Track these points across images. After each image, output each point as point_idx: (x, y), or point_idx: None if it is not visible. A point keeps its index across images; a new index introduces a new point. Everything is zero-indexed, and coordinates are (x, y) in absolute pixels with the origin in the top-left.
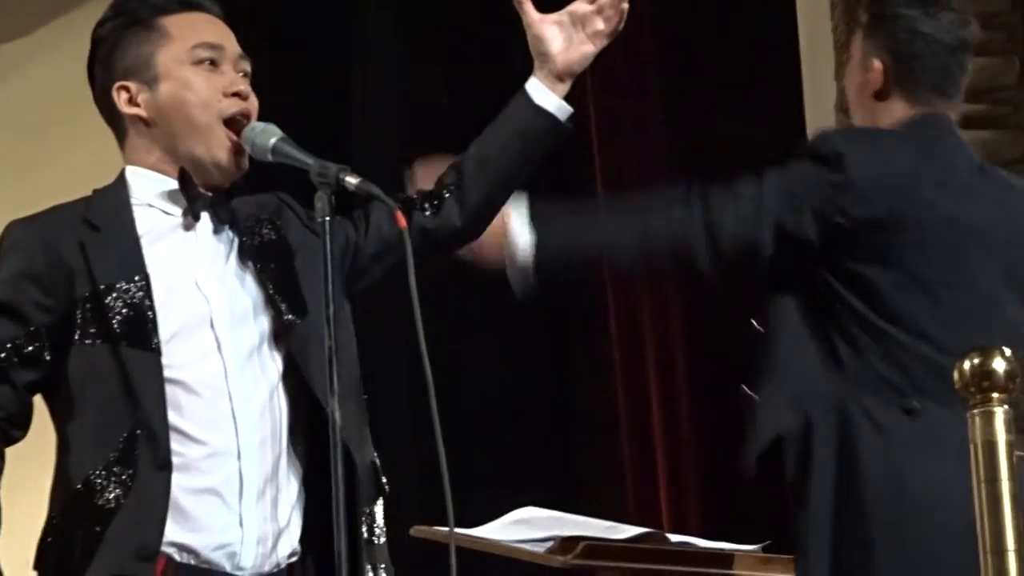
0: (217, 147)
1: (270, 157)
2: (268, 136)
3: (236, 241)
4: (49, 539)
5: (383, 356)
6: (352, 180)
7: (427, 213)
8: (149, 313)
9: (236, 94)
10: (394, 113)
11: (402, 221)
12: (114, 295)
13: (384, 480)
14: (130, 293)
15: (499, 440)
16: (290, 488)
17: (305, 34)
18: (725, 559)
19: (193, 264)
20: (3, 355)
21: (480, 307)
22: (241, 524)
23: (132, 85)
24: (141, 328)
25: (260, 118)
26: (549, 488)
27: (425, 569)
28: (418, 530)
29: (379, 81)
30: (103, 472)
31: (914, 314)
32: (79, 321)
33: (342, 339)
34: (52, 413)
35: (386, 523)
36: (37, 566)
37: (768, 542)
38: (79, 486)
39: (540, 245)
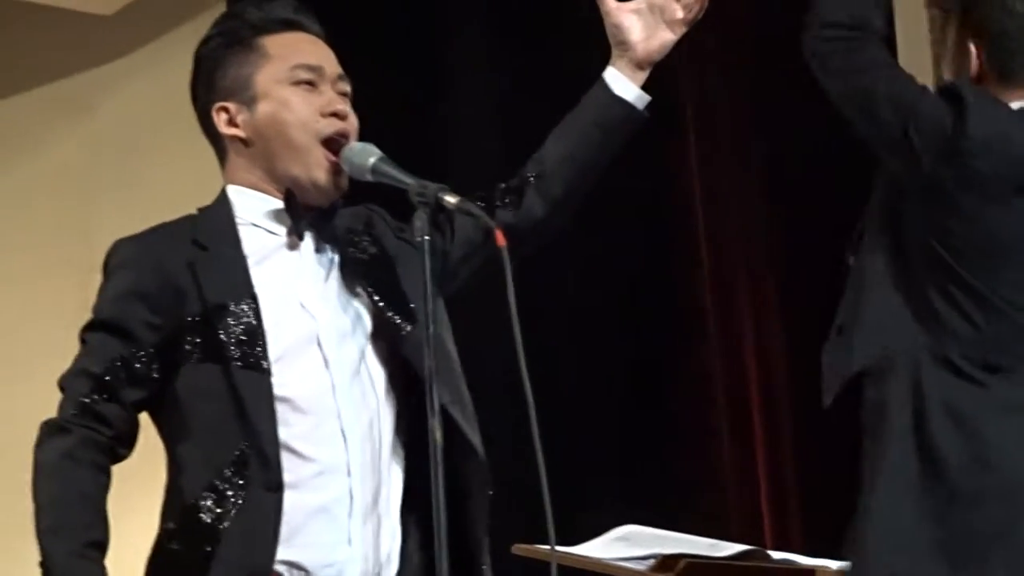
0: (316, 167)
1: (369, 177)
2: (367, 156)
3: (337, 258)
4: (159, 556)
5: (482, 371)
6: (451, 199)
7: (509, 208)
8: (259, 334)
9: (334, 114)
10: (488, 128)
11: (501, 239)
12: (225, 316)
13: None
14: (240, 314)
15: (601, 457)
16: (391, 505)
17: (396, 49)
18: None
19: (297, 283)
20: (112, 374)
21: (577, 320)
22: (349, 542)
23: (231, 106)
24: (252, 349)
25: (359, 137)
26: (650, 505)
27: None
28: (520, 548)
29: (472, 96)
30: (213, 491)
31: (1001, 275)
32: (189, 341)
33: (448, 349)
34: (160, 431)
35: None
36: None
37: None
38: (189, 504)
39: None
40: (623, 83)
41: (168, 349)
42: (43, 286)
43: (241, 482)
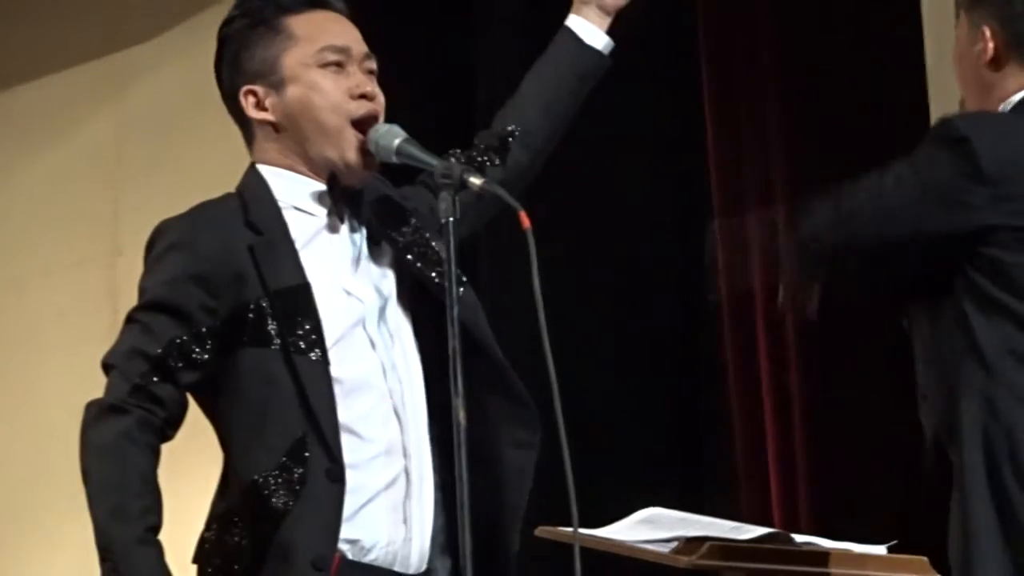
0: (348, 149)
1: (395, 159)
2: (392, 137)
3: (367, 238)
4: (213, 535)
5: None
6: (476, 180)
7: (498, 167)
8: (316, 320)
9: (363, 95)
10: None
11: (526, 221)
12: (283, 302)
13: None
14: (297, 300)
15: (624, 440)
16: (430, 485)
17: (428, 30)
18: (852, 559)
19: (340, 267)
20: (168, 355)
21: (603, 306)
22: (406, 521)
23: (259, 89)
24: (309, 336)
25: (385, 118)
26: (674, 488)
27: (550, 569)
28: (543, 530)
29: (503, 79)
30: (275, 476)
31: None
32: (249, 325)
33: (478, 318)
34: (212, 414)
35: None
36: (197, 559)
37: (895, 542)
38: (249, 488)
39: None
40: (592, 32)
41: (225, 332)
42: (70, 268)
43: (303, 468)
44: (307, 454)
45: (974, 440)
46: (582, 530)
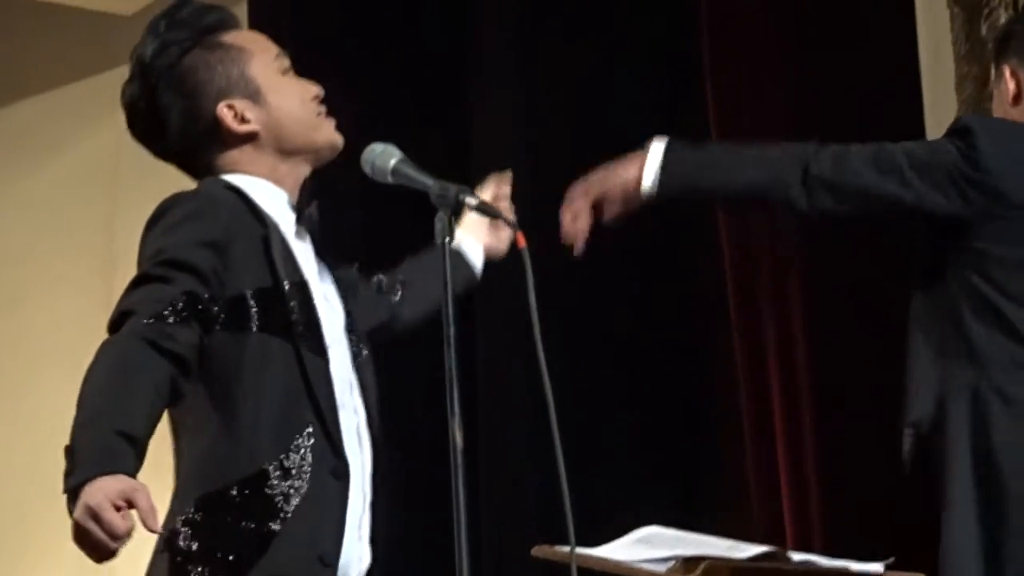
0: (331, 132)
1: (390, 179)
2: (388, 158)
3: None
4: (200, 517)
5: (505, 370)
6: (472, 200)
7: (391, 303)
8: (317, 320)
9: (315, 98)
10: (513, 131)
11: (522, 241)
12: (291, 295)
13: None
14: (304, 296)
15: (621, 458)
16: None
17: (423, 52)
18: None
19: (313, 275)
20: (187, 305)
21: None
22: (361, 539)
23: (236, 102)
24: (314, 332)
25: (380, 138)
26: (672, 506)
27: None
28: (539, 550)
29: (498, 99)
30: (282, 467)
31: None
32: (257, 310)
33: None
34: (198, 388)
35: (508, 541)
36: (170, 542)
37: (892, 559)
38: (254, 474)
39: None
40: (478, 255)
41: (232, 308)
42: (67, 281)
43: (311, 462)
44: (315, 450)
45: (959, 422)
46: (579, 550)
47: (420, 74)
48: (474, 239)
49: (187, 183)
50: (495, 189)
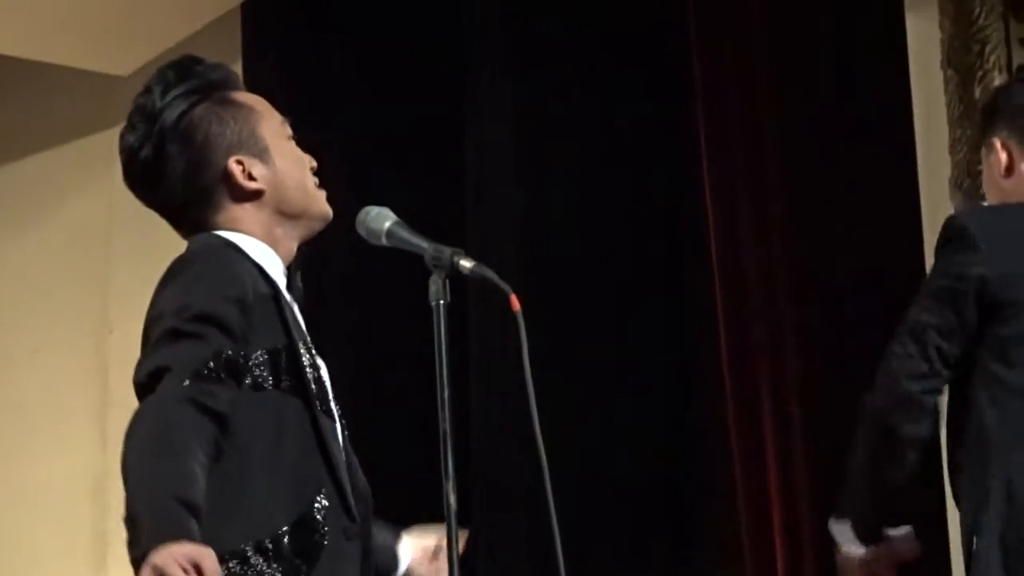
0: (322, 203)
1: (384, 241)
2: (382, 220)
3: None
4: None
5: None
6: (467, 264)
7: None
8: (324, 382)
9: (311, 168)
10: (510, 191)
11: (516, 304)
12: (303, 356)
13: None
14: (310, 358)
15: (612, 510)
16: None
17: (419, 114)
18: None
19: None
20: (221, 365)
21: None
22: None
23: (244, 159)
24: (323, 394)
25: (374, 199)
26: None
27: None
28: None
29: (493, 156)
30: (300, 528)
31: None
32: (274, 370)
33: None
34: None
35: None
36: None
37: None
38: (273, 537)
39: None
40: (404, 560)
41: (254, 365)
42: (60, 345)
43: (326, 526)
44: (329, 512)
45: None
46: None
47: (415, 125)
48: (411, 554)
49: (182, 243)
50: (434, 543)
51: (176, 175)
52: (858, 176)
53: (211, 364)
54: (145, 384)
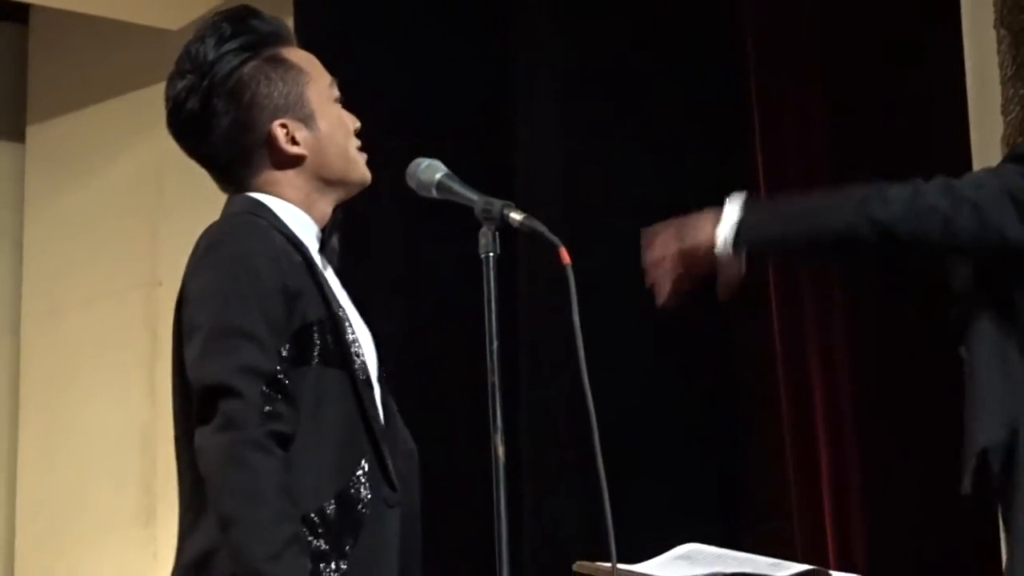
0: (361, 167)
1: (435, 193)
2: (433, 172)
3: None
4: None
5: (548, 384)
6: (516, 216)
7: None
8: (361, 350)
9: (355, 131)
10: (557, 148)
11: (565, 257)
12: (342, 324)
13: None
14: (347, 325)
15: (664, 475)
16: None
17: (468, 69)
18: None
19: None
20: (280, 373)
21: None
22: None
23: (289, 122)
24: (362, 362)
25: (425, 154)
26: (714, 522)
27: None
28: (581, 566)
29: (542, 116)
30: (344, 499)
31: None
32: (319, 340)
33: None
34: None
35: (549, 559)
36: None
37: None
38: (317, 510)
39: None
40: None
41: (297, 341)
42: (110, 297)
43: (369, 495)
44: (372, 482)
45: None
46: (620, 565)
47: (464, 95)
48: None
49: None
50: None
51: (220, 131)
52: (910, 136)
53: (273, 382)
54: (206, 398)
